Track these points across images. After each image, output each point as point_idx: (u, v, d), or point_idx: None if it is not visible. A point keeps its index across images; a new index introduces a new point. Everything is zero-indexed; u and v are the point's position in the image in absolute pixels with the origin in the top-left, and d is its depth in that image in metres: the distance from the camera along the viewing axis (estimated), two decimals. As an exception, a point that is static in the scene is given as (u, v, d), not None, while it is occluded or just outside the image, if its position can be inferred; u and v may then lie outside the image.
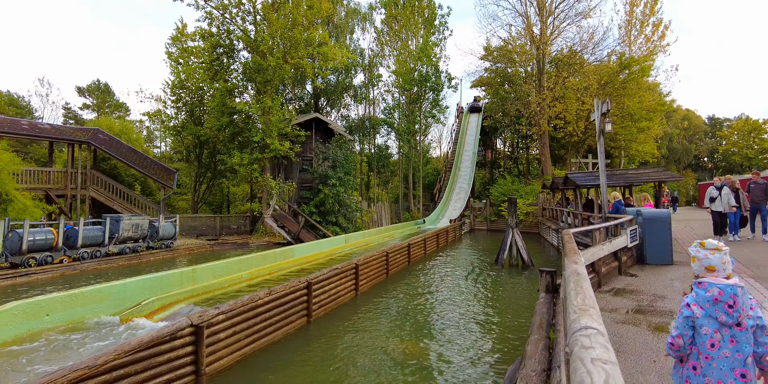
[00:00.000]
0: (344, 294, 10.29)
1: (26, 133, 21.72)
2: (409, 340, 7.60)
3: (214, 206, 33.41)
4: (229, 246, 21.79)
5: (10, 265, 13.19)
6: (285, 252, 14.14)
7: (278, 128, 24.87)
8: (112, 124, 33.35)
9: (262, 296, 7.44)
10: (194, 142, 30.20)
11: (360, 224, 28.33)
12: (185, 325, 5.92)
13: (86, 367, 4.74)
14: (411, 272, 14.26)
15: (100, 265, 14.70)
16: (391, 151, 44.89)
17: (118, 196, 24.12)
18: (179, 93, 30.00)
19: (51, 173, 22.27)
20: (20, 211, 15.95)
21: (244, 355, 6.80)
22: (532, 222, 30.51)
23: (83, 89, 52.94)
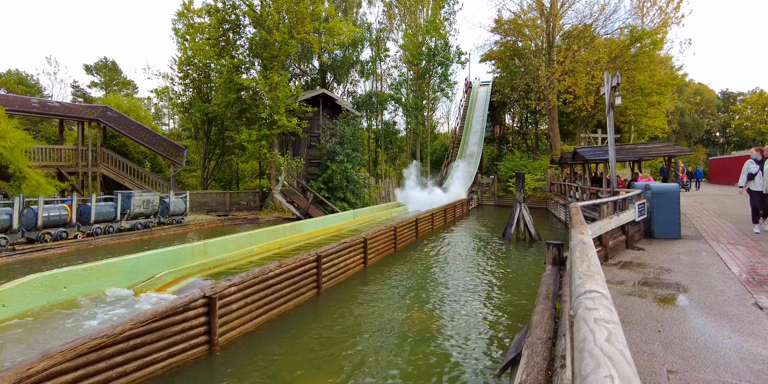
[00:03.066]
0: (353, 267, 10.46)
1: (36, 111, 21.87)
2: (417, 311, 7.76)
3: (223, 183, 33.67)
4: (239, 221, 22.09)
5: (27, 240, 13.53)
6: (294, 227, 14.32)
7: (285, 104, 24.80)
8: (120, 102, 33.37)
9: (272, 269, 7.60)
10: (202, 119, 30.21)
11: (368, 200, 28.46)
12: (198, 296, 6.08)
13: (104, 336, 4.93)
14: (418, 246, 14.41)
15: (113, 241, 15.02)
16: (398, 127, 44.63)
17: (129, 173, 24.38)
18: (186, 70, 29.82)
19: (62, 151, 22.50)
20: (34, 188, 16.22)
21: (256, 325, 6.99)
22: (539, 197, 30.45)
23: (91, 67, 52.79)
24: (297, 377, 5.39)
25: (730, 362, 3.91)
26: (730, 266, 7.28)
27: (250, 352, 6.13)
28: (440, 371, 5.46)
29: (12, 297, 6.96)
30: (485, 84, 44.07)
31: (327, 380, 5.26)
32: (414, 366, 5.62)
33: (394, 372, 5.44)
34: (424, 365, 5.64)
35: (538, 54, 35.05)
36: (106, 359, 4.93)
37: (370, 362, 5.74)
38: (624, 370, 1.26)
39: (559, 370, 3.51)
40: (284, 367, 5.68)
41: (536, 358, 3.84)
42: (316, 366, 5.68)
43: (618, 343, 1.45)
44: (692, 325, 4.83)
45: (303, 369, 5.60)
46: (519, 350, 4.47)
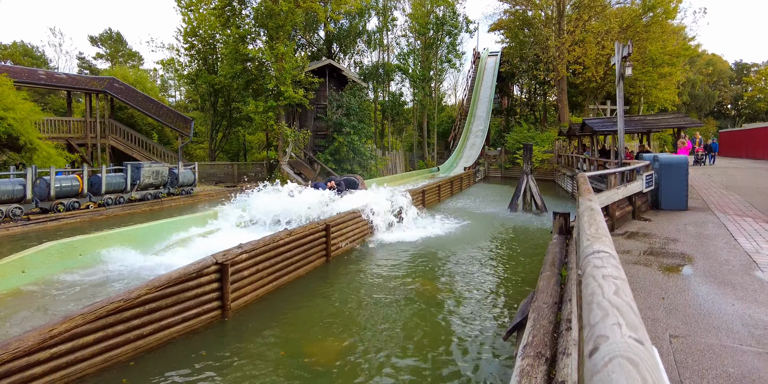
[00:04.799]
0: (361, 235, 10.60)
1: (44, 83, 21.85)
2: (424, 277, 7.91)
3: (230, 154, 33.75)
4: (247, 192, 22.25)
5: (41, 210, 13.78)
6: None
7: (292, 75, 24.53)
8: (126, 74, 33.16)
9: (282, 236, 7.72)
10: (209, 91, 30.03)
11: (375, 172, 28.51)
12: (210, 263, 6.22)
13: (122, 300, 5.09)
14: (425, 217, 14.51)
15: (124, 211, 15.28)
16: (405, 98, 44.14)
17: (137, 144, 24.48)
18: (191, 41, 29.44)
19: (71, 123, 22.58)
20: (45, 160, 16.38)
21: (267, 291, 7.17)
22: (547, 169, 30.34)
23: (96, 38, 52.19)
24: (306, 341, 5.57)
25: (732, 328, 4.00)
26: (736, 237, 7.32)
27: (261, 318, 6.31)
28: (447, 335, 5.62)
29: (31, 263, 7.17)
30: (493, 54, 43.22)
31: (335, 344, 5.43)
32: (421, 330, 5.78)
33: (401, 336, 5.60)
34: (431, 329, 5.79)
35: (548, 24, 34.19)
36: (123, 322, 5.10)
37: (377, 327, 5.91)
38: (631, 318, 1.30)
39: (564, 333, 3.61)
40: (294, 332, 5.86)
41: (542, 321, 3.94)
42: (324, 331, 5.85)
43: (625, 296, 1.50)
44: (696, 292, 4.91)
45: (312, 334, 5.78)
46: (525, 315, 4.57)
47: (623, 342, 1.13)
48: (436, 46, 38.51)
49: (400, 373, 4.69)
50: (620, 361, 1.03)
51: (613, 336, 1.18)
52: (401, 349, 5.23)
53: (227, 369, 4.85)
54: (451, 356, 5.08)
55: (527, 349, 3.50)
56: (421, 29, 36.85)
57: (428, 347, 5.30)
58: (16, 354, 4.18)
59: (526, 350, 3.47)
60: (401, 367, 4.82)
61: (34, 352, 4.32)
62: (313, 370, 4.80)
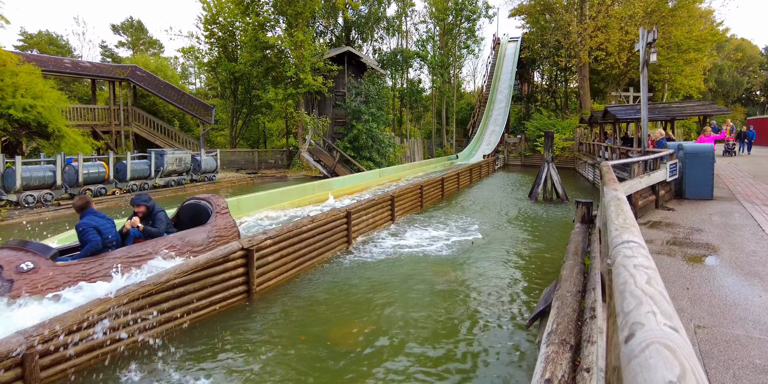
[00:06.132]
0: (381, 223, 10.70)
1: (69, 72, 22.25)
2: (444, 264, 7.97)
3: (251, 141, 34.06)
4: (268, 179, 22.62)
5: (70, 196, 14.21)
6: (323, 184, 14.61)
7: (311, 63, 24.57)
8: (147, 62, 33.53)
9: (305, 223, 7.85)
10: (229, 78, 30.23)
11: (393, 160, 28.52)
12: (237, 248, 6.38)
13: (152, 284, 5.27)
14: (444, 205, 14.54)
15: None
16: (423, 85, 43.80)
17: (160, 131, 24.87)
18: (211, 28, 29.60)
19: (95, 110, 23.02)
20: (72, 147, 16.77)
21: (291, 276, 7.33)
22: (568, 157, 29.94)
23: (117, 27, 52.71)
24: (328, 324, 5.70)
25: (759, 319, 3.96)
26: (764, 227, 7.18)
27: (284, 302, 6.45)
28: (468, 322, 5.68)
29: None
30: (514, 40, 42.48)
31: (356, 329, 5.54)
32: (441, 315, 5.86)
33: (421, 322, 5.69)
34: (452, 315, 5.87)
35: (570, 9, 33.39)
36: (154, 305, 5.29)
37: (398, 312, 6.00)
38: (665, 307, 1.32)
39: (588, 321, 3.64)
40: (316, 315, 6.00)
41: (566, 309, 3.97)
42: (345, 316, 5.97)
43: (657, 285, 1.50)
44: (722, 283, 4.87)
45: (333, 318, 5.90)
46: (548, 303, 4.61)
47: (659, 329, 1.15)
48: (455, 32, 38.00)
49: (421, 358, 4.79)
50: (657, 347, 1.05)
51: (648, 323, 1.21)
52: (422, 334, 5.32)
53: (250, 351, 5.01)
54: (473, 341, 5.15)
55: (551, 336, 3.54)
56: (440, 15, 36.36)
57: (450, 332, 5.38)
58: (54, 334, 4.38)
59: (550, 337, 3.51)
60: (422, 353, 4.91)
61: (74, 332, 4.52)
62: (333, 355, 4.92)
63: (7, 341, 4.09)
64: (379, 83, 29.17)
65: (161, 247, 6.38)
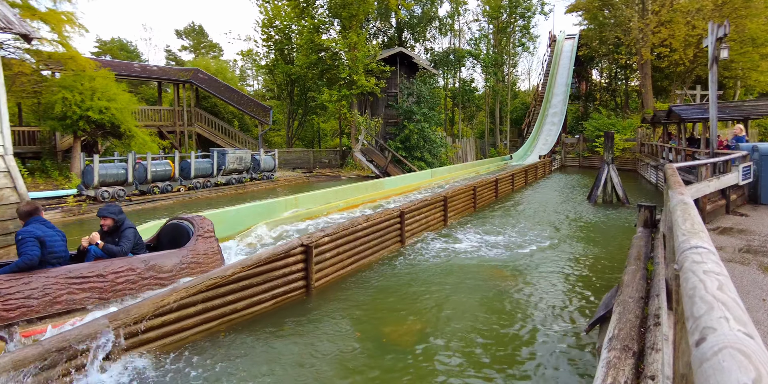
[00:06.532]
0: (434, 223, 10.74)
1: (139, 75, 23.69)
2: (498, 266, 7.92)
3: (306, 141, 34.94)
4: (322, 178, 23.20)
5: (139, 192, 15.26)
6: (376, 184, 14.83)
7: (364, 64, 24.93)
8: (208, 64, 35.07)
9: (360, 222, 8.03)
10: (285, 80, 31.13)
11: (445, 160, 28.40)
12: (297, 244, 6.63)
13: (218, 277, 5.58)
14: (498, 206, 14.37)
15: (211, 194, 16.60)
16: (476, 84, 43.27)
17: (220, 131, 26.03)
18: (269, 32, 30.59)
19: (161, 111, 24.39)
20: (141, 146, 17.89)
21: (347, 273, 7.53)
22: (628, 158, 28.69)
23: (180, 32, 55.44)
24: (383, 322, 5.80)
25: (844, 332, 3.73)
26: None
27: (341, 298, 6.64)
28: (523, 325, 5.64)
29: (137, 240, 7.96)
30: (571, 37, 41.12)
31: (409, 327, 5.62)
32: (497, 318, 5.85)
33: (476, 324, 5.69)
34: (507, 318, 5.84)
35: (630, 4, 31.88)
36: (220, 297, 5.61)
37: (452, 313, 6.03)
38: (738, 313, 1.27)
39: (652, 328, 3.55)
40: (371, 313, 6.13)
41: (628, 315, 3.89)
42: (401, 314, 6.07)
43: (730, 292, 1.44)
44: (802, 293, 4.59)
45: (389, 316, 6.01)
46: (608, 308, 4.52)
47: (732, 334, 1.13)
48: (509, 30, 37.29)
49: (476, 360, 4.80)
50: (730, 351, 1.04)
51: (720, 328, 1.19)
52: (477, 336, 5.33)
53: (308, 344, 5.17)
54: (527, 344, 5.12)
55: (613, 341, 3.49)
56: (494, 13, 35.81)
57: (504, 335, 5.37)
58: (135, 319, 4.76)
59: (612, 343, 3.46)
60: (477, 355, 4.92)
61: (151, 318, 4.89)
62: (389, 353, 5.01)
63: (95, 323, 4.50)
64: (431, 83, 29.14)
65: (117, 268, 5.37)
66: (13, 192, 8.90)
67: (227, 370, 4.65)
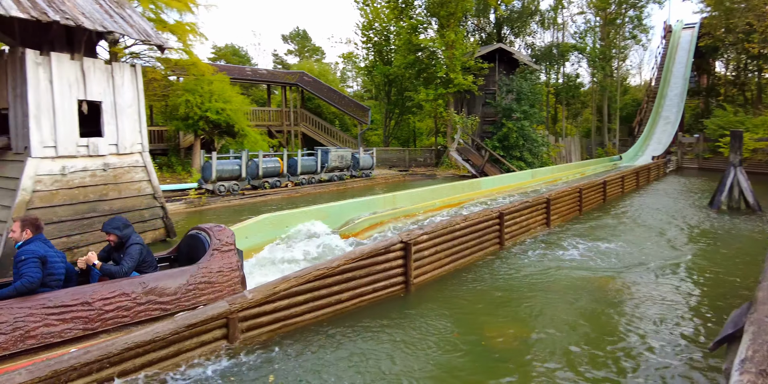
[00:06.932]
0: (534, 226, 10.39)
1: (250, 78, 25.58)
2: (606, 277, 7.45)
3: (401, 140, 35.48)
4: (418, 177, 23.46)
5: (252, 187, 16.62)
6: (473, 184, 14.68)
7: (461, 62, 24.75)
8: (311, 67, 36.85)
9: (458, 222, 8.01)
10: (383, 81, 31.82)
11: (546, 160, 27.26)
12: (397, 241, 6.78)
13: (325, 268, 5.89)
14: (606, 210, 13.50)
15: (315, 190, 17.72)
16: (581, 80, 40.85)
17: (323, 131, 27.34)
18: (368, 34, 31.46)
19: (270, 112, 26.14)
20: (252, 144, 19.39)
21: (444, 272, 7.55)
22: (761, 160, 25.44)
23: (286, 37, 58.79)
24: (481, 324, 5.72)
25: None
26: None
27: (438, 297, 6.66)
28: (635, 338, 5.26)
29: (251, 231, 8.65)
30: (690, 26, 37.23)
31: (510, 331, 5.47)
32: (606, 331, 5.51)
33: (582, 335, 5.40)
34: (614, 332, 5.46)
35: (766, -15, 28.11)
36: (326, 287, 5.91)
37: (555, 321, 5.77)
38: None
39: (796, 349, 3.15)
40: (469, 314, 6.07)
41: (765, 336, 3.49)
42: (499, 316, 5.95)
43: None
44: None
45: (488, 318, 5.91)
46: (738, 327, 4.08)
47: None
48: (619, 22, 34.75)
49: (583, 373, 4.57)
50: None
51: None
52: (582, 349, 5.06)
53: (405, 341, 5.24)
54: (640, 359, 4.77)
55: (746, 364, 3.15)
56: (601, 4, 33.57)
57: (614, 348, 5.03)
58: (251, 304, 5.17)
59: (744, 365, 3.13)
60: (583, 366, 4.68)
61: (263, 303, 5.30)
62: (488, 355, 4.93)
63: (216, 306, 4.97)
64: (532, 79, 28.07)
65: (106, 294, 4.68)
66: (148, 184, 10.09)
67: (327, 358, 4.86)
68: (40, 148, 8.28)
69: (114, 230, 5.20)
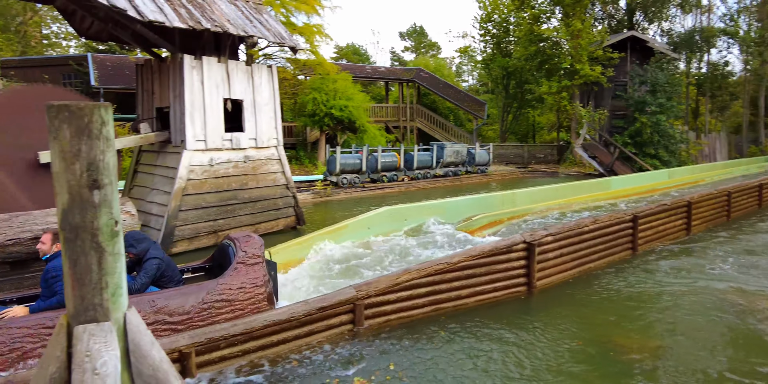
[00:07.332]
0: (673, 232, 9.45)
1: (370, 76, 26.50)
2: (759, 294, 6.52)
3: (519, 135, 34.36)
4: (538, 174, 22.60)
5: (371, 180, 17.47)
6: (600, 183, 13.76)
7: (588, 52, 23.22)
8: (427, 63, 37.00)
9: (587, 224, 7.57)
10: (501, 74, 31.05)
11: (685, 158, 24.53)
12: (519, 241, 6.61)
13: (445, 263, 5.95)
14: (762, 218, 11.80)
15: (430, 185, 18.07)
16: (730, 68, 35.81)
17: (438, 126, 27.45)
18: (486, 27, 30.89)
19: (387, 108, 26.85)
20: (371, 139, 20.15)
21: (569, 277, 7.20)
22: None
23: (403, 34, 59.68)
24: (608, 335, 5.36)
25: None
26: None
27: (562, 302, 6.35)
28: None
29: (373, 222, 9.03)
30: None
31: (641, 345, 5.04)
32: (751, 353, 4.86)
33: (723, 356, 4.82)
34: (763, 355, 4.80)
35: None
36: (446, 282, 5.97)
37: (688, 336, 5.24)
38: None
39: None
40: (595, 322, 5.74)
41: None
42: (627, 327, 5.54)
43: None
44: None
45: (616, 329, 5.53)
46: None
47: None
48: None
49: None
50: None
51: None
52: (724, 369, 4.51)
53: (522, 346, 5.10)
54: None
55: None
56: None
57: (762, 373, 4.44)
58: (375, 292, 5.42)
59: None
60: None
61: (386, 293, 5.51)
62: (617, 368, 4.62)
63: (345, 291, 5.30)
64: (669, 69, 25.35)
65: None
66: (282, 176, 10.97)
67: (444, 351, 4.93)
68: (193, 142, 9.38)
69: (129, 248, 4.77)
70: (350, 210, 12.36)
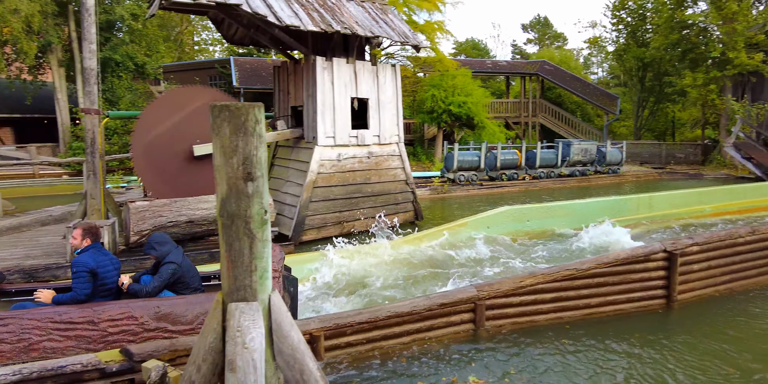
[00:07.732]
0: None
1: (490, 71, 25.97)
2: None
3: (656, 133, 31.32)
4: (678, 176, 20.42)
5: (489, 178, 17.09)
6: (759, 188, 12.04)
7: (745, 38, 20.27)
8: (552, 55, 35.12)
9: (742, 234, 6.73)
10: (636, 65, 28.51)
11: None
12: (659, 249, 6.08)
13: (575, 269, 5.69)
14: None
15: (554, 185, 17.19)
16: None
17: (563, 122, 26.03)
18: (620, 15, 28.56)
19: (508, 103, 26.09)
20: (490, 136, 19.74)
21: (718, 292, 6.48)
22: None
23: (526, 25, 57.31)
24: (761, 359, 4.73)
25: None
26: None
27: (710, 321, 5.72)
28: None
29: (492, 221, 8.90)
30: None
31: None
32: None
33: None
34: None
35: None
36: (574, 289, 5.72)
37: None
38: None
39: None
40: (753, 348, 5.06)
41: None
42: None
43: None
44: None
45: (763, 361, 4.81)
46: None
47: None
48: None
49: None
50: None
51: None
52: None
53: (659, 361, 4.73)
54: None
55: None
56: None
57: None
58: (498, 294, 5.36)
59: None
60: None
61: (509, 295, 5.43)
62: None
63: (466, 290, 5.33)
64: None
65: (114, 315, 4.26)
66: (402, 171, 11.24)
67: (569, 361, 4.74)
68: (324, 138, 9.99)
69: (149, 250, 4.80)
70: (468, 208, 12.27)
